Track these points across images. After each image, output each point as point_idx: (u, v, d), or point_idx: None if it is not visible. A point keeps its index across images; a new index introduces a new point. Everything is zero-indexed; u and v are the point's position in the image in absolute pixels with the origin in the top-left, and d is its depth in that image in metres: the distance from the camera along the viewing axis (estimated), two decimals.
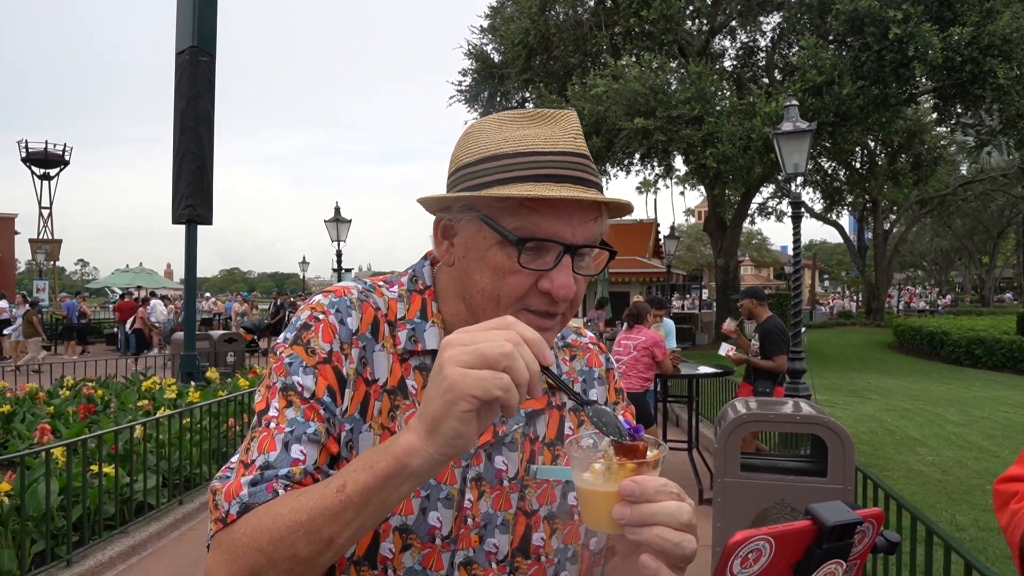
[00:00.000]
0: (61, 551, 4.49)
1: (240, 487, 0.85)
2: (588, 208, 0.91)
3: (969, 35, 14.86)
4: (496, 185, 0.90)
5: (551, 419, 1.03)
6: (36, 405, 8.01)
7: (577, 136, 0.94)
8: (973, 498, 6.14)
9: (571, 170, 0.91)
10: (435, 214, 1.00)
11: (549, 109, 0.97)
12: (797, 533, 0.68)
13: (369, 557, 0.91)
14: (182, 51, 9.98)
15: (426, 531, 0.92)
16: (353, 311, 0.97)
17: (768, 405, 4.25)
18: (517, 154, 0.91)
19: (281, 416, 0.89)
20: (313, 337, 0.94)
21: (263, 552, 0.78)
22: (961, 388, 14.05)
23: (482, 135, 0.95)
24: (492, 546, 0.95)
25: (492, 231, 0.90)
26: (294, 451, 0.87)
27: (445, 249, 0.98)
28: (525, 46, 20.05)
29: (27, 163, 36.02)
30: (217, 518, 0.85)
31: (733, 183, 18.62)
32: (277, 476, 0.85)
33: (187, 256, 10.20)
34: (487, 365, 0.71)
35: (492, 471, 0.96)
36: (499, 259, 0.90)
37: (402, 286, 1.03)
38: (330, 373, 0.92)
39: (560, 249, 0.89)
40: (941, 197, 33.63)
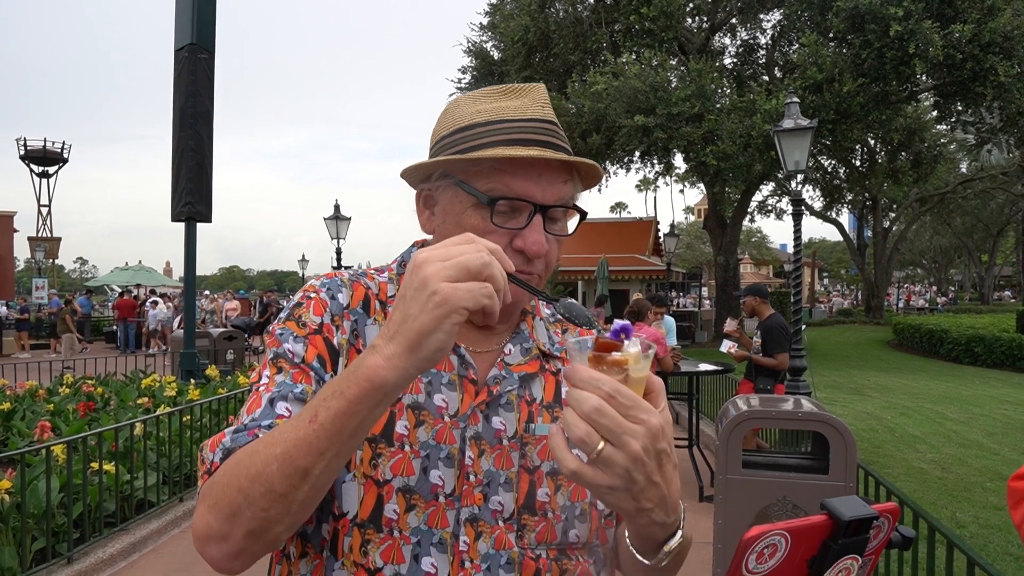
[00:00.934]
0: (62, 548, 4.49)
1: (223, 435, 0.88)
2: (557, 170, 0.97)
3: (970, 32, 14.83)
4: (470, 152, 0.95)
5: (547, 383, 1.06)
6: (36, 403, 8.00)
7: (545, 105, 1.00)
8: (973, 495, 6.14)
9: (539, 134, 0.97)
10: (417, 187, 1.06)
11: (519, 84, 1.03)
12: (813, 528, 0.68)
13: (374, 519, 0.92)
14: (181, 48, 9.95)
15: (429, 490, 0.93)
16: (344, 288, 1.02)
17: (770, 402, 4.25)
18: (489, 122, 0.97)
19: (271, 381, 0.93)
20: (304, 312, 0.98)
21: (241, 490, 0.79)
22: (961, 386, 14.05)
23: (457, 109, 1.02)
24: (497, 504, 0.96)
25: (467, 194, 0.96)
26: (279, 407, 0.89)
27: (427, 218, 1.05)
28: (525, 43, 20.01)
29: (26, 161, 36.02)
30: (204, 471, 0.87)
31: (733, 181, 18.61)
32: (260, 426, 0.87)
33: (187, 254, 10.18)
34: (471, 277, 0.74)
35: (491, 431, 0.98)
36: (474, 220, 0.96)
37: (392, 271, 1.08)
38: (320, 343, 0.96)
39: (531, 208, 0.95)
40: (941, 195, 33.62)
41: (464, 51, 22.41)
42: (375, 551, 0.92)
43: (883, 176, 24.54)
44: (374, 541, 0.92)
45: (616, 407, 0.71)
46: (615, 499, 0.75)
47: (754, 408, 3.96)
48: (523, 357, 1.05)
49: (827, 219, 35.44)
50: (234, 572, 0.87)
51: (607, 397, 0.71)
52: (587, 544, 1.00)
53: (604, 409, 0.70)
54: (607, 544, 1.04)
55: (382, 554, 0.92)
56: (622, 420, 0.71)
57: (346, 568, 0.92)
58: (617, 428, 0.70)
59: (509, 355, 1.04)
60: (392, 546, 0.92)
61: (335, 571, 0.93)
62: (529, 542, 0.96)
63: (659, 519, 0.78)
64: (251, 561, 0.85)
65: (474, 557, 0.93)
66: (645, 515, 0.77)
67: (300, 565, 0.96)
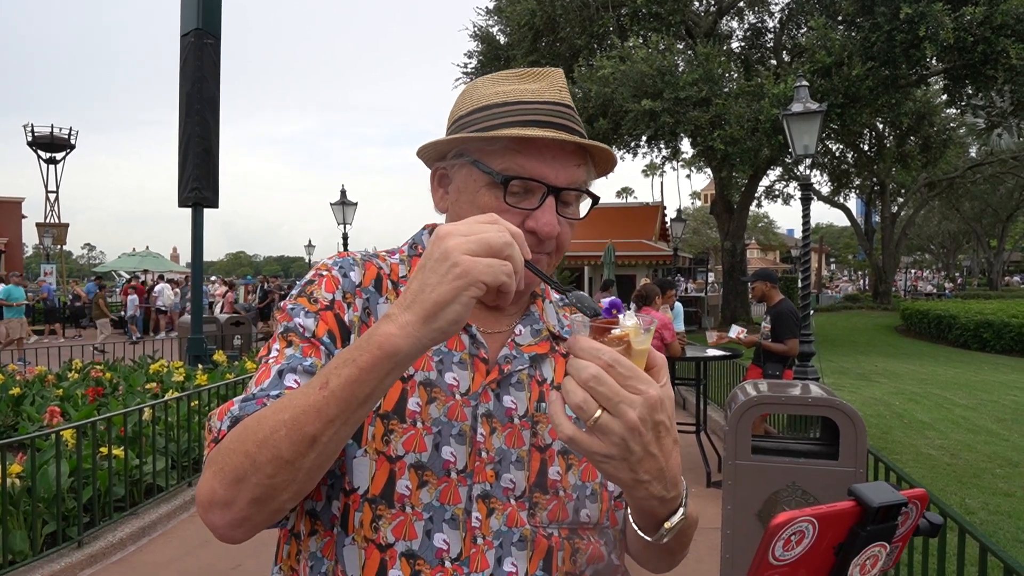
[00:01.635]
0: (72, 532, 4.52)
1: (232, 404, 0.89)
2: (571, 153, 0.98)
3: (982, 15, 14.65)
4: (486, 131, 0.96)
5: (557, 364, 1.07)
6: (45, 388, 8.04)
7: (562, 89, 1.01)
8: (983, 482, 6.12)
9: (555, 117, 0.98)
10: (432, 166, 1.07)
11: (537, 68, 1.04)
12: (841, 514, 0.66)
13: (386, 496, 0.92)
14: (187, 34, 9.91)
15: (441, 466, 0.93)
16: (356, 267, 1.03)
17: (779, 387, 4.23)
18: (506, 103, 0.98)
19: (280, 354, 0.93)
20: (316, 289, 0.99)
21: (248, 455, 0.79)
22: (969, 372, 14.00)
23: (476, 90, 1.03)
24: (509, 482, 0.96)
25: (481, 173, 0.97)
26: (288, 379, 0.90)
27: (440, 197, 1.06)
28: (531, 28, 19.86)
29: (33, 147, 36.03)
30: (212, 440, 0.87)
31: (740, 165, 18.45)
32: (268, 395, 0.88)
33: (194, 239, 10.20)
34: (492, 253, 0.75)
35: (502, 410, 0.99)
36: (487, 199, 0.97)
37: (403, 253, 1.09)
38: (331, 319, 0.97)
39: (544, 189, 0.96)
40: (950, 180, 33.36)
41: (470, 36, 22.29)
42: (387, 527, 0.91)
43: (892, 161, 24.32)
44: (385, 517, 0.92)
45: (615, 376, 0.72)
46: (612, 468, 0.75)
47: (763, 393, 3.95)
48: (533, 338, 1.06)
49: (835, 204, 35.23)
50: (235, 541, 0.86)
51: (606, 366, 0.72)
52: (597, 525, 1.00)
53: (602, 377, 0.72)
54: (616, 526, 1.04)
55: (394, 530, 0.91)
56: (620, 389, 0.72)
57: (356, 543, 0.92)
58: (615, 396, 0.72)
59: (520, 336, 1.05)
60: (404, 522, 0.92)
61: (346, 546, 0.93)
62: (541, 520, 0.96)
63: (657, 492, 0.79)
64: (253, 531, 0.85)
65: (486, 533, 0.93)
66: (643, 487, 0.78)
67: (310, 543, 0.96)
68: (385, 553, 0.91)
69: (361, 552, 0.92)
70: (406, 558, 0.91)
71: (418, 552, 0.91)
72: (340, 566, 0.93)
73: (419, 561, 0.91)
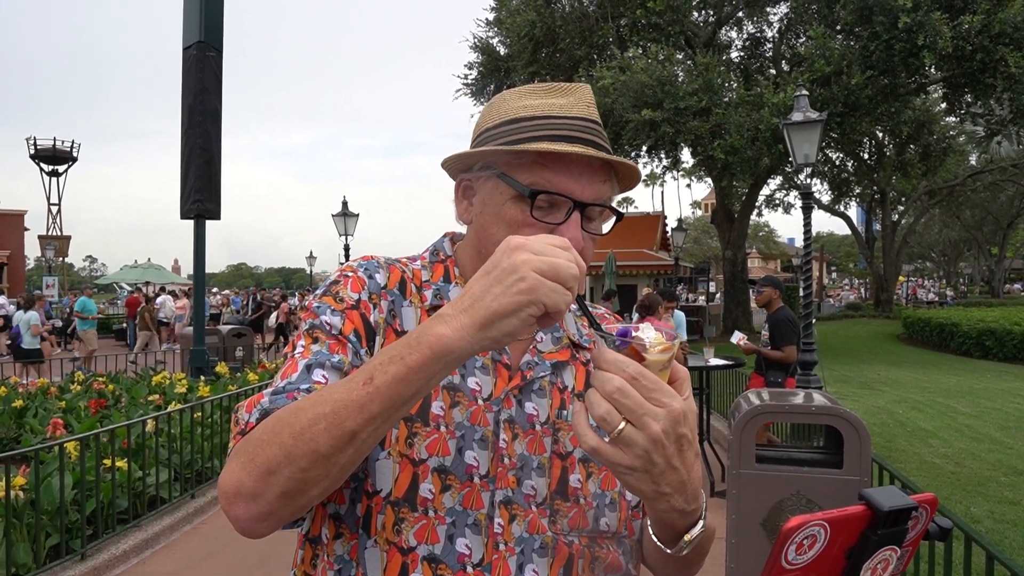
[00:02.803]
0: (75, 545, 4.51)
1: (261, 396, 0.89)
2: (597, 169, 0.97)
3: (980, 23, 14.71)
4: (515, 144, 0.96)
5: (578, 372, 1.07)
6: (48, 400, 8.05)
7: (590, 105, 1.01)
8: (988, 490, 6.11)
9: (582, 132, 0.97)
10: (456, 177, 1.07)
11: (566, 83, 1.04)
12: (852, 518, 0.66)
13: (408, 499, 0.92)
14: (189, 46, 9.97)
15: (464, 470, 0.94)
16: (381, 270, 1.04)
17: (782, 396, 4.23)
18: (534, 117, 0.98)
19: (306, 350, 0.94)
20: (342, 288, 1.00)
21: (283, 446, 0.77)
22: (972, 380, 13.98)
23: (504, 103, 1.03)
24: (530, 488, 0.97)
25: (507, 186, 0.97)
26: (316, 374, 0.90)
27: (464, 208, 1.06)
28: (531, 39, 19.95)
29: (36, 160, 36.16)
30: (238, 432, 0.87)
31: (741, 175, 18.49)
32: (298, 389, 0.88)
33: (195, 251, 10.21)
34: (558, 280, 0.75)
35: (523, 416, 0.99)
36: (513, 212, 0.97)
37: (424, 259, 1.10)
38: (357, 318, 0.98)
39: (570, 204, 0.96)
40: (950, 188, 33.39)
41: (470, 47, 22.39)
42: (409, 530, 0.92)
43: (892, 169, 24.36)
44: (408, 520, 0.92)
45: (639, 389, 0.73)
46: (634, 480, 0.76)
47: (767, 402, 3.95)
48: (554, 345, 1.06)
49: (835, 213, 35.26)
50: (257, 535, 0.85)
51: (630, 379, 0.73)
52: (616, 534, 1.01)
53: (626, 390, 0.72)
54: (633, 536, 1.05)
55: (416, 533, 0.92)
56: (643, 401, 0.73)
57: (379, 546, 0.92)
58: (638, 409, 0.72)
59: (541, 343, 1.05)
60: (426, 526, 0.92)
61: (367, 548, 0.93)
62: (562, 527, 0.97)
63: (678, 505, 0.80)
64: (276, 526, 0.84)
65: (508, 540, 0.94)
66: (664, 499, 0.78)
67: (335, 546, 0.96)
68: (407, 556, 0.91)
69: (383, 555, 0.92)
70: (428, 562, 0.91)
71: (440, 556, 0.92)
72: (362, 568, 0.93)
73: (441, 565, 0.91)
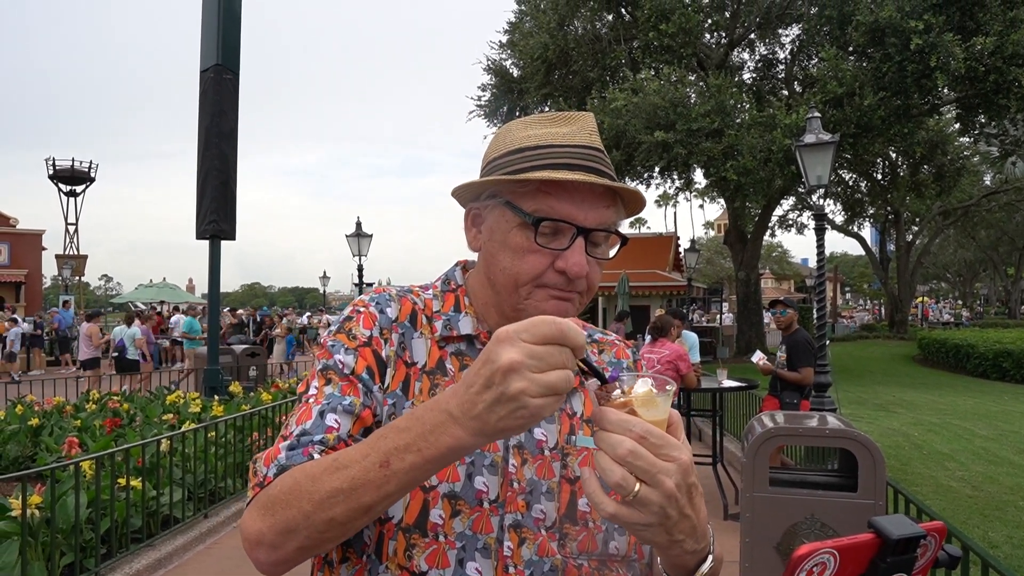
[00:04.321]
0: (89, 564, 4.53)
1: (278, 451, 0.92)
2: (601, 194, 1.00)
3: (992, 45, 14.72)
4: (518, 173, 0.99)
5: (587, 398, 1.09)
6: (63, 418, 8.10)
7: (593, 133, 1.05)
8: (1006, 515, 6.02)
9: (584, 160, 1.00)
10: (466, 205, 1.10)
11: (569, 112, 1.07)
12: (861, 546, 0.67)
13: (419, 525, 0.95)
14: (207, 69, 10.12)
15: (474, 495, 0.96)
16: (392, 303, 1.07)
17: (796, 419, 4.21)
18: (538, 147, 1.01)
19: (320, 393, 0.97)
20: (355, 325, 1.04)
21: (302, 511, 0.83)
22: (989, 401, 13.82)
23: (509, 134, 1.06)
24: (540, 512, 0.98)
25: (513, 214, 0.99)
26: (329, 419, 0.94)
27: (473, 236, 1.08)
28: (544, 61, 20.12)
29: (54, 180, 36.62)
30: (256, 483, 0.91)
31: (753, 196, 18.51)
32: (312, 441, 0.92)
33: (211, 271, 10.29)
34: (555, 394, 0.75)
35: (533, 441, 1.01)
36: (519, 240, 0.99)
37: (436, 288, 1.13)
38: (370, 355, 1.01)
39: (574, 231, 0.98)
40: (965, 208, 33.26)
41: (484, 69, 22.59)
42: (420, 555, 0.94)
43: (905, 189, 24.30)
44: (419, 546, 0.94)
45: (648, 447, 0.74)
46: (650, 534, 0.78)
47: (780, 425, 3.93)
48: None
49: (849, 233, 35.17)
50: (276, 575, 0.90)
51: (639, 438, 0.74)
52: (625, 557, 1.02)
53: (639, 451, 0.74)
54: (643, 560, 1.06)
55: (427, 558, 0.94)
56: (656, 460, 0.74)
57: (391, 571, 0.95)
58: (652, 468, 0.74)
59: None
60: (437, 551, 0.94)
61: (380, 574, 0.95)
62: (571, 551, 0.98)
63: (690, 548, 0.82)
64: (294, 566, 0.89)
65: (517, 563, 0.95)
66: (677, 546, 0.80)
67: (341, 570, 0.99)
68: None
69: None
70: None
71: None
72: None
73: None
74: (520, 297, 1.00)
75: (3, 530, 4.23)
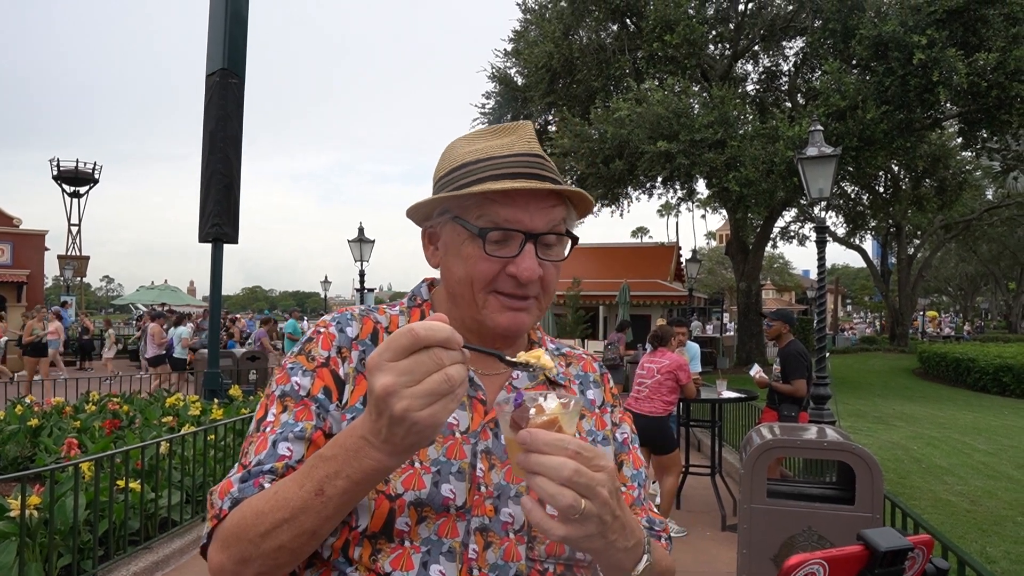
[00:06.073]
0: (87, 565, 4.52)
1: (231, 484, 0.95)
2: (546, 196, 1.02)
3: (995, 60, 14.76)
4: (462, 188, 1.01)
5: None
6: (63, 419, 8.10)
7: (531, 141, 1.07)
8: (1004, 529, 6.02)
9: (524, 167, 1.02)
10: (421, 225, 1.13)
11: (508, 123, 1.11)
12: (850, 558, 0.69)
13: (385, 531, 0.96)
14: (212, 73, 10.15)
15: (440, 502, 0.97)
16: (353, 322, 1.09)
17: (794, 431, 4.22)
18: (478, 160, 1.04)
19: (276, 421, 0.99)
20: (314, 347, 1.06)
21: (252, 542, 0.87)
22: (989, 416, 13.80)
23: (453, 151, 1.10)
24: (508, 516, 1.00)
25: (463, 228, 1.02)
26: (281, 448, 0.96)
27: (431, 253, 1.11)
28: (548, 69, 20.20)
29: (58, 181, 36.72)
30: (213, 515, 0.94)
31: (755, 207, 18.53)
32: (263, 472, 0.95)
33: (212, 274, 10.31)
34: (440, 396, 0.76)
35: (500, 447, 1.03)
36: (470, 251, 1.02)
37: (403, 305, 1.16)
38: (327, 375, 1.03)
39: (522, 237, 1.00)
40: (966, 222, 33.25)
41: (488, 77, 22.68)
42: (385, 559, 0.96)
43: (907, 203, 24.34)
44: (384, 550, 0.96)
45: (584, 462, 0.77)
46: (591, 543, 0.80)
47: (779, 437, 3.94)
48: (531, 382, 1.11)
49: (850, 246, 35.15)
50: None
51: (575, 456, 0.76)
52: (591, 563, 1.04)
53: (582, 470, 0.76)
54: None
55: (392, 561, 0.96)
56: (593, 474, 0.77)
57: (359, 571, 0.97)
58: (592, 482, 0.76)
59: (517, 379, 1.10)
60: (402, 554, 0.96)
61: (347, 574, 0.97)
62: (539, 554, 1.00)
63: (622, 545, 0.84)
64: None
65: (483, 566, 0.97)
66: (612, 547, 0.83)
67: (305, 574, 1.01)
68: None
69: None
70: None
71: None
72: None
73: None
74: (477, 307, 1.03)
75: (1, 530, 4.23)
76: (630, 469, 1.17)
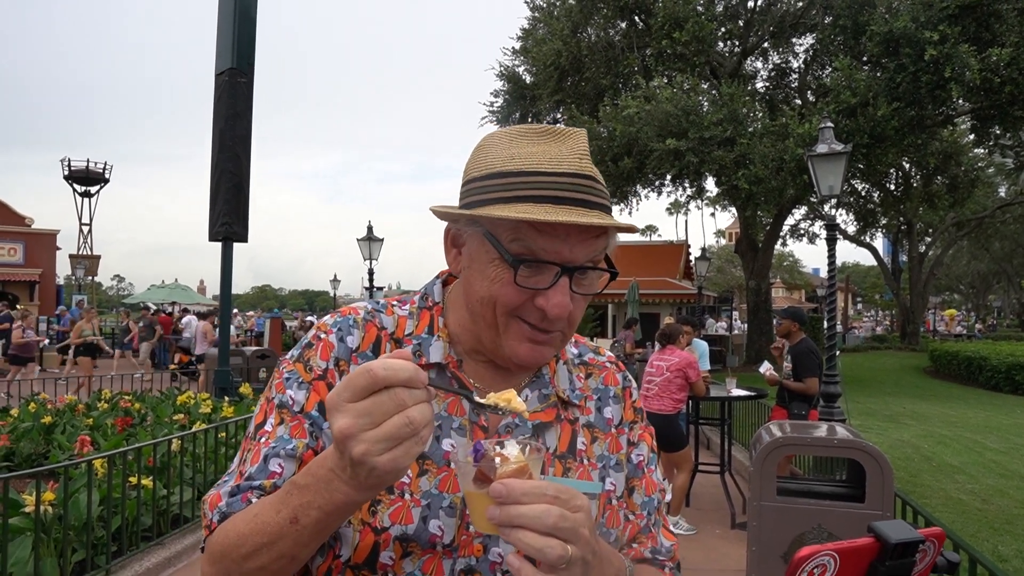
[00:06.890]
0: (100, 561, 4.57)
1: (220, 498, 0.94)
2: (588, 228, 0.92)
3: (1008, 56, 14.64)
4: (499, 203, 0.91)
5: (563, 432, 1.04)
6: (76, 417, 8.17)
7: (583, 156, 0.94)
8: (1016, 528, 5.99)
9: (573, 192, 0.91)
10: (445, 220, 1.03)
11: (559, 126, 0.97)
12: (861, 550, 0.69)
13: (369, 563, 0.93)
14: (221, 72, 10.19)
15: (427, 539, 0.93)
16: (355, 330, 1.03)
17: (804, 428, 4.21)
18: (521, 173, 0.92)
19: (272, 432, 0.97)
20: (313, 356, 1.01)
21: (235, 562, 0.86)
22: (1001, 415, 13.71)
23: (492, 149, 0.97)
24: (497, 556, 0.95)
25: (493, 247, 0.93)
26: (272, 464, 0.94)
27: (453, 257, 1.03)
28: (557, 67, 20.16)
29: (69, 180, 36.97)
30: (205, 525, 0.94)
31: (765, 205, 18.46)
32: (252, 487, 0.93)
33: (223, 273, 10.36)
34: (400, 440, 0.72)
35: None
36: (497, 273, 0.93)
37: (414, 304, 1.08)
38: (323, 389, 0.99)
39: (558, 270, 0.91)
40: (979, 219, 33.04)
41: (496, 75, 22.65)
42: None
43: (918, 200, 24.18)
44: None
45: (564, 506, 0.74)
46: None
47: (788, 435, 3.93)
48: (540, 404, 1.04)
49: (861, 243, 34.99)
50: None
51: (554, 501, 0.74)
52: None
53: (565, 515, 0.74)
54: None
55: None
56: (575, 516, 0.75)
57: None
58: (574, 525, 0.74)
59: (526, 402, 1.02)
60: None
61: None
62: None
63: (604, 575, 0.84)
64: None
65: None
66: None
67: None
68: None
69: None
70: None
71: None
72: None
73: None
74: (497, 330, 0.96)
75: (17, 526, 4.27)
76: (641, 496, 1.11)
